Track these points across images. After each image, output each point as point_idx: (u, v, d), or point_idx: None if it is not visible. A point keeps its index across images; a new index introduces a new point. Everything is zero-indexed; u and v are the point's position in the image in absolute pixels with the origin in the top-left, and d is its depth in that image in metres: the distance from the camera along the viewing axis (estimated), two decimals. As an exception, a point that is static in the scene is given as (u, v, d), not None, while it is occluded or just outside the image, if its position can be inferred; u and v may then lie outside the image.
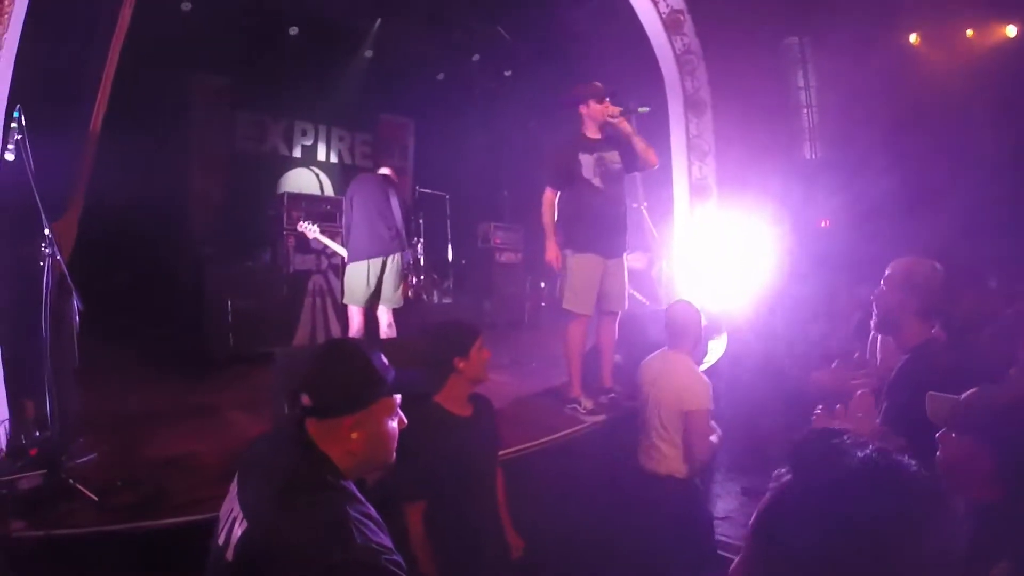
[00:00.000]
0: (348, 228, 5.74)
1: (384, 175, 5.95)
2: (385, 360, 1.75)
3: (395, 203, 5.72)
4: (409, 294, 5.86)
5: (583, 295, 4.82)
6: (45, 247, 3.46)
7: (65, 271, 3.59)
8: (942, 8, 6.66)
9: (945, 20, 6.80)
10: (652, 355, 4.00)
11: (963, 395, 1.83)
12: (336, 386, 1.66)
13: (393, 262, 5.63)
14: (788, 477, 0.95)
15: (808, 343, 5.48)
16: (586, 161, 4.81)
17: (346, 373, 1.68)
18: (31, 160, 3.38)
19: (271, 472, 1.58)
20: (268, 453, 1.69)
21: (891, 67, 6.70)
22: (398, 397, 1.75)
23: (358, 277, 5.56)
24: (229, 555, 1.49)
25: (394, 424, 1.73)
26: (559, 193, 4.91)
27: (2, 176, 3.48)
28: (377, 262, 5.57)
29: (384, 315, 5.71)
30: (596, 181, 4.83)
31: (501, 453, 3.22)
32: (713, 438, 3.65)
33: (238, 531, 1.50)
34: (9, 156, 3.34)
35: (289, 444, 1.64)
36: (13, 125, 3.33)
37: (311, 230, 6.27)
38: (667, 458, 3.69)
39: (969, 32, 7.06)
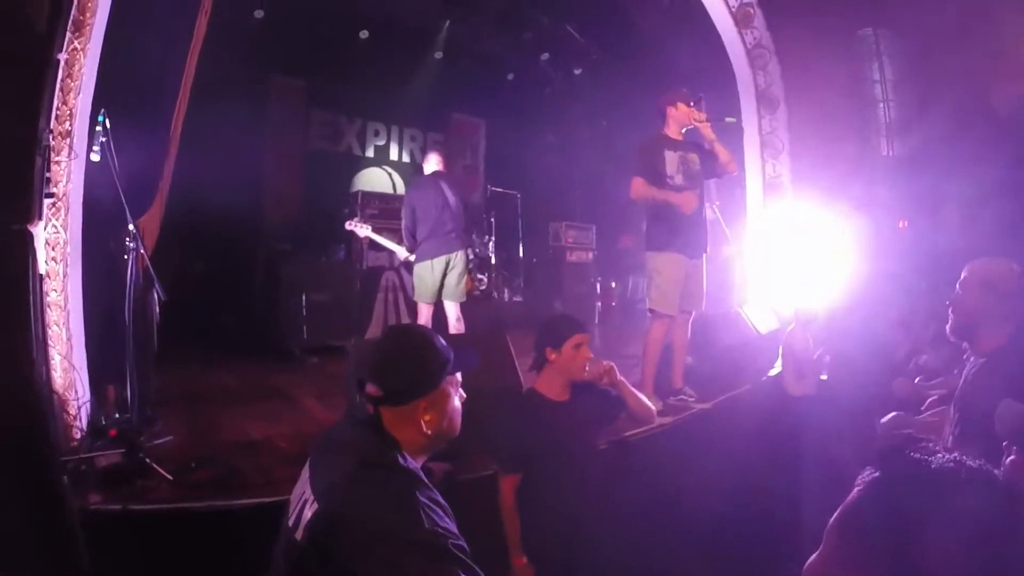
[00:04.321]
0: (409, 231, 5.94)
1: (436, 172, 6.12)
2: (443, 340, 1.81)
3: (452, 199, 5.90)
4: (475, 289, 6.06)
5: (670, 296, 4.75)
6: (130, 241, 3.67)
7: (148, 264, 3.79)
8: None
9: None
10: (789, 331, 5.27)
11: None
12: (407, 373, 1.73)
13: (456, 259, 5.87)
14: (875, 476, 1.00)
15: (887, 350, 5.27)
16: (670, 158, 4.78)
17: (415, 359, 1.75)
18: (116, 160, 3.59)
19: (343, 457, 1.64)
20: (341, 439, 1.75)
21: (975, 57, 6.30)
22: (459, 377, 1.82)
23: (424, 276, 5.83)
24: (299, 535, 1.55)
25: (457, 400, 1.81)
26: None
27: (89, 176, 3.71)
28: (440, 261, 5.81)
29: (452, 309, 5.94)
30: (678, 179, 4.78)
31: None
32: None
33: (308, 513, 1.56)
34: (95, 157, 3.56)
35: (362, 430, 1.70)
36: (98, 128, 3.54)
37: (362, 228, 6.57)
38: (802, 385, 5.06)
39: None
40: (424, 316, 5.94)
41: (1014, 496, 0.92)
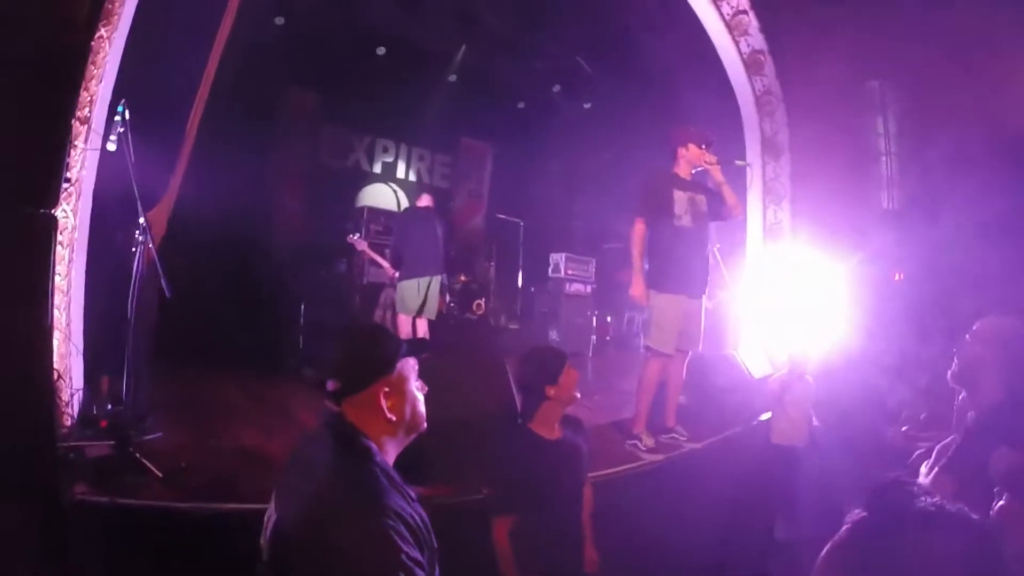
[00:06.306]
0: (398, 252, 6.82)
1: (427, 207, 6.99)
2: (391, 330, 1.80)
3: (439, 231, 6.82)
4: (443, 309, 7.19)
5: (668, 334, 4.77)
6: (139, 234, 3.65)
7: (156, 258, 3.76)
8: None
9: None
10: (775, 378, 5.21)
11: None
12: (362, 358, 1.72)
13: (436, 282, 6.73)
14: (862, 516, 1.07)
15: (878, 399, 5.28)
16: (679, 198, 4.81)
17: (367, 345, 1.75)
18: (132, 152, 3.58)
19: (305, 472, 1.60)
20: (305, 453, 1.71)
21: (983, 116, 6.38)
22: (415, 361, 1.78)
23: (410, 292, 6.58)
24: (265, 554, 1.53)
25: (417, 387, 1.77)
26: (648, 230, 4.90)
27: (103, 165, 3.70)
28: (424, 281, 6.61)
29: (422, 324, 6.79)
30: (686, 220, 4.81)
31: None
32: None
33: (270, 527, 1.53)
34: (111, 147, 3.55)
35: (328, 435, 1.65)
36: (117, 118, 3.53)
37: (360, 242, 7.35)
38: (790, 435, 4.95)
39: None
40: (405, 328, 6.53)
41: (990, 538, 0.99)
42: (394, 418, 1.66)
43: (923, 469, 3.19)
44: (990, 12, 6.08)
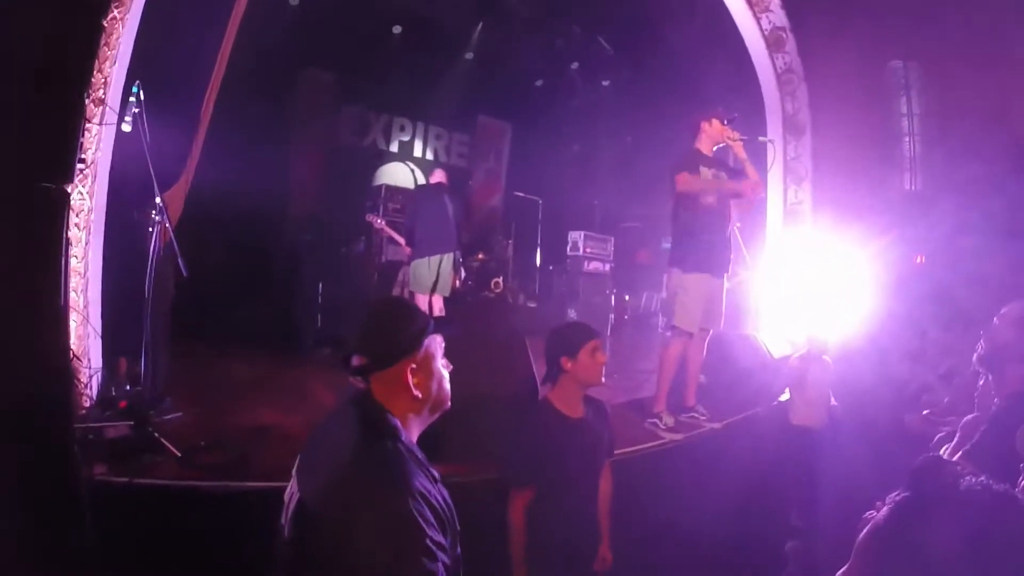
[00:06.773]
0: (411, 230, 6.84)
1: (439, 183, 6.99)
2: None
3: (450, 207, 6.79)
4: (457, 285, 7.22)
5: (693, 313, 4.75)
6: (155, 214, 3.65)
7: (172, 238, 3.76)
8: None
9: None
10: (794, 358, 5.09)
11: None
12: (389, 334, 1.68)
13: (448, 259, 6.70)
14: (905, 495, 1.04)
15: (897, 384, 5.21)
16: (705, 175, 4.76)
17: (395, 321, 1.71)
18: (147, 132, 3.57)
19: (329, 448, 1.59)
20: (328, 431, 1.69)
21: (1008, 97, 6.21)
22: (441, 338, 1.76)
23: (421, 271, 6.61)
24: (286, 532, 1.51)
25: (443, 365, 1.74)
26: (672, 211, 4.87)
27: (119, 146, 3.70)
28: (435, 259, 6.62)
29: (437, 301, 6.77)
30: (710, 198, 4.76)
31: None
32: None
33: (292, 506, 1.51)
34: (126, 127, 3.54)
35: (352, 412, 1.63)
36: (131, 99, 3.52)
37: (378, 221, 7.46)
38: (808, 415, 4.84)
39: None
40: (420, 306, 6.27)
41: None
42: (420, 396, 1.64)
43: (942, 453, 3.16)
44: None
